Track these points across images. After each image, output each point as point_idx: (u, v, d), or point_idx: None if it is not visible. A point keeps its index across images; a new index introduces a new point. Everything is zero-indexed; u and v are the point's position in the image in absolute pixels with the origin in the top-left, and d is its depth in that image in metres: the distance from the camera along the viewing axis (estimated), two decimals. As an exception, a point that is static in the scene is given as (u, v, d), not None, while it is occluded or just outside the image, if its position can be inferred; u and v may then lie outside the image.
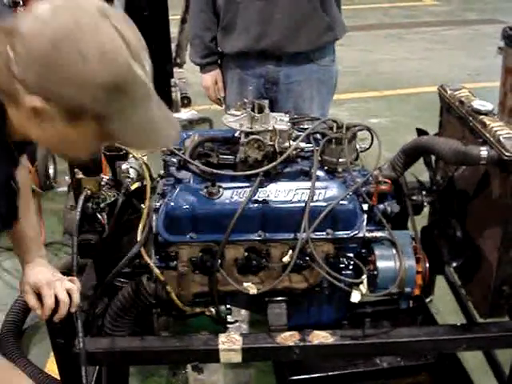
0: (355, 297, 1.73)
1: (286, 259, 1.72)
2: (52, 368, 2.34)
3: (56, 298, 1.62)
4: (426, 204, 1.97)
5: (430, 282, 2.16)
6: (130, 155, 1.96)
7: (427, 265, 1.78)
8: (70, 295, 1.63)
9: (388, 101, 5.95)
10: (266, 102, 1.85)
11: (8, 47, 1.08)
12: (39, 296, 1.64)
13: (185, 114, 4.85)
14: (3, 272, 3.12)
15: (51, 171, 4.20)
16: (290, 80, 2.71)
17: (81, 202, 1.82)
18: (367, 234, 1.81)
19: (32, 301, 1.63)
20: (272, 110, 1.89)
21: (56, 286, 1.62)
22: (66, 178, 4.06)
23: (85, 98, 1.10)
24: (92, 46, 1.06)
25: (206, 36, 2.77)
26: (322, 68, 2.75)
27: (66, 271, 1.74)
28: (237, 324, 1.96)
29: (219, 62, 2.85)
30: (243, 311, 1.99)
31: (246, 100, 1.87)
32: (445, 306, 2.48)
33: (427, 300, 2.24)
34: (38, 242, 1.71)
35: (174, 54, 5.07)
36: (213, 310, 1.83)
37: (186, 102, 5.12)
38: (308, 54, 2.68)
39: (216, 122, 4.70)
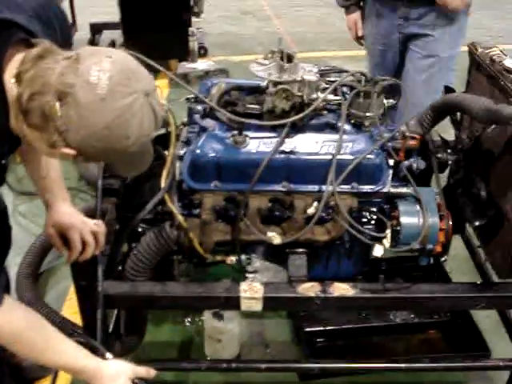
0: (378, 251, 1.73)
1: (310, 211, 1.72)
2: (67, 312, 2.37)
3: (82, 240, 1.63)
4: (450, 162, 1.95)
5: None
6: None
7: (450, 222, 1.78)
8: (95, 238, 1.65)
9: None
10: (294, 52, 1.82)
11: (57, 104, 1.14)
12: (64, 238, 1.65)
13: (201, 64, 4.77)
14: (19, 216, 3.10)
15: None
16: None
17: (104, 147, 1.80)
18: (392, 190, 1.81)
19: (58, 243, 1.65)
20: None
21: (82, 228, 1.63)
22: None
23: (112, 158, 1.28)
24: (135, 128, 1.19)
25: None
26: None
27: (88, 215, 1.74)
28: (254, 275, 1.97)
29: (361, 3, 2.92)
30: (258, 263, 1.99)
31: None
32: (458, 265, 2.48)
33: (442, 259, 2.24)
34: (62, 185, 1.70)
35: (191, 3, 4.97)
36: (233, 258, 1.84)
37: (203, 52, 5.04)
38: None
39: (232, 73, 4.63)
